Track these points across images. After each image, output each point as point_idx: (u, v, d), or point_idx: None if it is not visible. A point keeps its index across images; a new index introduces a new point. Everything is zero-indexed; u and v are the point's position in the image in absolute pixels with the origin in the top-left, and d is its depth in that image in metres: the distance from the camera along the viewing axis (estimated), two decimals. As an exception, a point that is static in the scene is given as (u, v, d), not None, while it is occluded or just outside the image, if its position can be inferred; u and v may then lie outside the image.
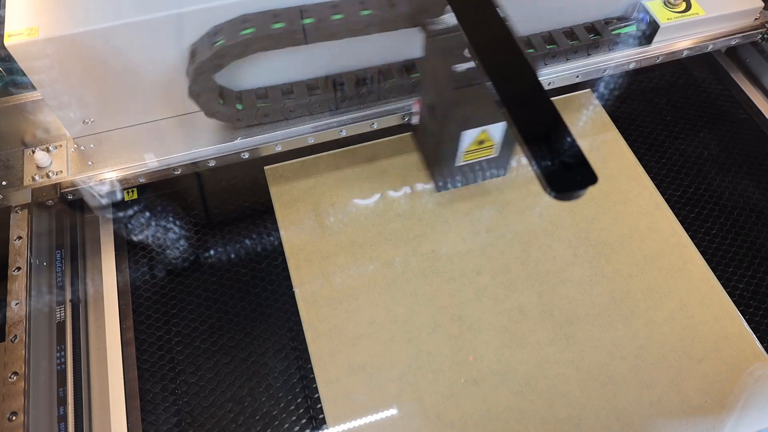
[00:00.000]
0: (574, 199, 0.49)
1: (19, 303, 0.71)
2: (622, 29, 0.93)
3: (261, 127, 0.84)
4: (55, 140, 0.84)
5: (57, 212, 0.85)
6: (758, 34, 0.98)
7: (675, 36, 0.94)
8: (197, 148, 0.82)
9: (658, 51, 0.94)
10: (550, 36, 0.91)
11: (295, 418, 0.75)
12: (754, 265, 0.87)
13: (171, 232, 0.90)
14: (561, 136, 0.52)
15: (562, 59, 0.92)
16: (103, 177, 0.80)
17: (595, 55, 0.93)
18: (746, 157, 0.99)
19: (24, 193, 0.79)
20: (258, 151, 0.84)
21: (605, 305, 0.81)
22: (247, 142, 0.83)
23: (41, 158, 0.80)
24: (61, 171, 0.81)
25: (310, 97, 0.83)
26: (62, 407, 0.72)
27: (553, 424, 0.73)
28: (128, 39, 0.72)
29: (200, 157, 0.82)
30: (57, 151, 0.83)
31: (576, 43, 0.91)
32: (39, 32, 0.69)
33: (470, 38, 0.60)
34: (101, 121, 0.82)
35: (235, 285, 0.85)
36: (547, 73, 0.91)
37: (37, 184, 0.80)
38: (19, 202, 0.80)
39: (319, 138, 0.86)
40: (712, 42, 0.95)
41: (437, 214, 0.89)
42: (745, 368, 0.76)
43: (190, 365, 0.78)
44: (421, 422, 0.73)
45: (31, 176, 0.80)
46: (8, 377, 0.66)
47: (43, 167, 0.81)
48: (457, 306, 0.81)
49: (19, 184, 0.80)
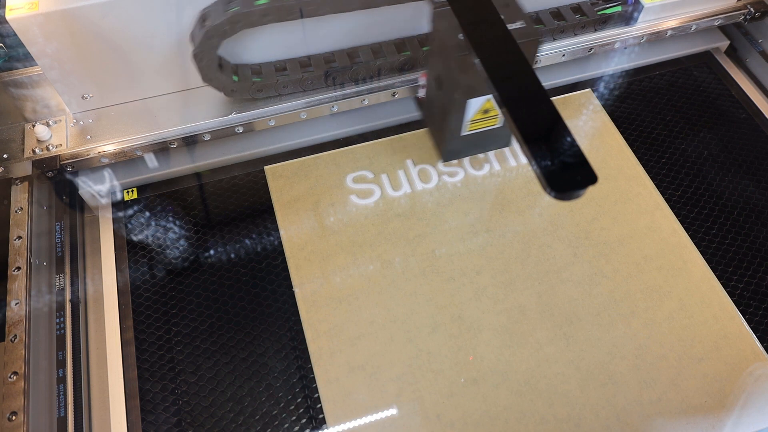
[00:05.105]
0: (574, 199, 0.49)
1: (19, 303, 0.72)
2: (607, 9, 0.94)
3: (254, 102, 0.85)
4: (55, 115, 0.85)
5: (57, 183, 0.86)
6: (740, 15, 0.99)
7: (659, 16, 0.96)
8: (193, 122, 0.84)
9: (643, 31, 0.96)
10: (537, 16, 0.92)
11: (295, 418, 0.75)
12: (754, 265, 0.87)
13: (171, 232, 0.90)
14: (561, 136, 0.52)
15: (549, 39, 0.93)
16: (101, 150, 0.82)
17: (581, 35, 0.94)
18: (746, 157, 0.99)
19: (24, 165, 0.81)
20: (252, 125, 0.86)
21: (605, 305, 0.81)
22: (241, 116, 0.85)
23: (41, 132, 0.82)
24: (60, 144, 0.82)
25: (302, 73, 0.85)
26: (62, 407, 0.72)
27: (553, 423, 0.73)
28: (128, 13, 0.73)
29: (196, 131, 0.84)
30: (57, 125, 0.84)
31: (563, 23, 0.92)
32: (39, 6, 0.70)
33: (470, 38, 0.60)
34: (100, 97, 0.84)
35: (235, 285, 0.85)
36: None
37: (38, 156, 0.81)
38: (19, 174, 0.81)
39: (311, 114, 0.88)
40: (695, 22, 0.97)
41: (437, 214, 0.89)
42: (744, 368, 0.77)
43: (190, 365, 0.78)
44: (421, 422, 0.73)
45: (32, 149, 0.82)
46: (8, 377, 0.66)
47: (43, 140, 0.82)
48: (457, 306, 0.81)
49: (19, 156, 0.81)
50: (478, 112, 0.82)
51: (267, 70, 0.84)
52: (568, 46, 0.94)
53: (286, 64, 0.85)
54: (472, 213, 0.89)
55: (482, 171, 0.94)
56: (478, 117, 0.83)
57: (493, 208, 0.90)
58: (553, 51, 0.93)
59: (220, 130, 0.85)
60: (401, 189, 0.91)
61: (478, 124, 0.85)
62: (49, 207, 0.84)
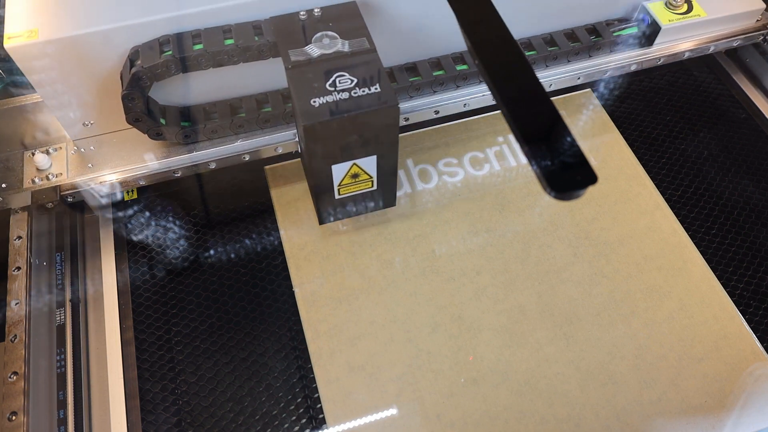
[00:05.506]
0: (574, 199, 0.49)
1: (19, 303, 0.72)
2: (623, 31, 0.92)
3: (262, 130, 0.83)
4: (55, 142, 0.83)
5: (57, 214, 0.84)
6: (760, 36, 0.97)
7: (676, 38, 0.94)
8: (198, 150, 0.81)
9: (660, 53, 0.93)
10: (551, 38, 0.90)
11: (295, 418, 0.75)
12: (754, 265, 0.87)
13: (171, 232, 0.90)
14: (561, 136, 0.52)
15: (564, 61, 0.91)
16: (103, 179, 0.80)
17: (596, 56, 0.92)
18: (746, 157, 0.99)
19: (24, 196, 0.79)
20: (259, 153, 0.84)
21: (605, 305, 0.81)
22: (247, 144, 0.82)
23: (41, 160, 0.80)
24: (60, 173, 0.80)
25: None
26: (62, 407, 0.72)
27: (553, 423, 0.73)
28: (128, 41, 0.72)
29: (201, 160, 0.82)
30: (57, 153, 0.82)
31: (577, 44, 0.90)
32: (39, 34, 0.68)
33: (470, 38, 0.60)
34: (101, 123, 0.82)
35: (235, 285, 0.85)
36: (549, 75, 0.90)
37: (37, 186, 0.79)
38: (18, 204, 0.79)
39: None
40: (713, 44, 0.95)
41: (437, 214, 0.89)
42: (744, 368, 0.76)
43: (190, 365, 0.78)
44: (421, 422, 0.73)
45: (31, 179, 0.80)
46: (8, 377, 0.66)
47: (42, 169, 0.80)
48: (457, 306, 0.81)
49: (18, 186, 0.79)
50: (346, 176, 0.75)
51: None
52: (583, 69, 0.91)
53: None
54: (472, 213, 0.89)
55: (482, 171, 0.94)
56: (348, 181, 0.76)
57: (493, 208, 0.90)
58: (568, 74, 0.91)
59: (227, 158, 0.82)
60: (401, 189, 0.91)
61: (350, 188, 0.78)
62: (49, 233, 0.82)
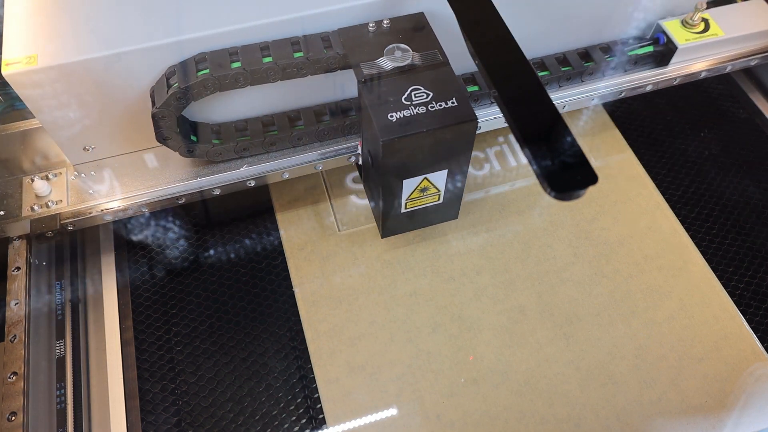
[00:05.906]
0: (574, 199, 0.49)
1: (19, 303, 0.71)
2: (638, 50, 0.89)
3: (267, 155, 0.80)
4: (55, 167, 0.80)
5: (57, 244, 0.82)
6: None
7: (693, 57, 0.90)
8: (202, 176, 0.78)
9: (676, 72, 0.89)
10: (564, 58, 0.87)
11: (295, 418, 0.75)
12: (754, 265, 0.87)
13: (171, 232, 0.90)
14: (561, 136, 0.52)
15: (578, 81, 0.87)
16: (104, 207, 0.77)
17: (611, 77, 0.89)
18: (746, 157, 0.99)
19: (22, 225, 0.75)
20: (264, 179, 0.80)
21: (605, 305, 0.81)
22: (252, 170, 0.79)
23: (40, 187, 0.76)
24: (60, 200, 0.77)
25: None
26: (62, 407, 0.72)
27: (553, 423, 0.73)
28: (129, 66, 0.69)
29: (205, 186, 0.78)
30: (56, 179, 0.79)
31: (591, 64, 0.87)
32: (38, 60, 0.66)
33: (470, 38, 0.60)
34: (102, 148, 0.78)
35: (235, 285, 0.85)
36: (563, 96, 0.87)
37: (36, 214, 0.75)
38: (17, 233, 0.76)
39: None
40: (731, 63, 0.91)
41: (437, 213, 0.89)
42: (745, 368, 0.76)
43: (190, 365, 0.78)
44: (421, 422, 0.73)
45: (30, 206, 0.76)
46: (8, 377, 0.66)
47: (42, 196, 0.77)
48: (457, 306, 0.81)
49: (17, 214, 0.76)
50: (415, 191, 0.75)
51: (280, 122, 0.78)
52: (598, 89, 0.87)
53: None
54: (472, 213, 0.89)
55: (482, 171, 0.94)
56: (416, 195, 0.76)
57: (493, 208, 0.90)
58: (584, 95, 0.87)
59: (231, 185, 0.79)
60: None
61: (416, 201, 0.77)
62: (48, 265, 0.80)
